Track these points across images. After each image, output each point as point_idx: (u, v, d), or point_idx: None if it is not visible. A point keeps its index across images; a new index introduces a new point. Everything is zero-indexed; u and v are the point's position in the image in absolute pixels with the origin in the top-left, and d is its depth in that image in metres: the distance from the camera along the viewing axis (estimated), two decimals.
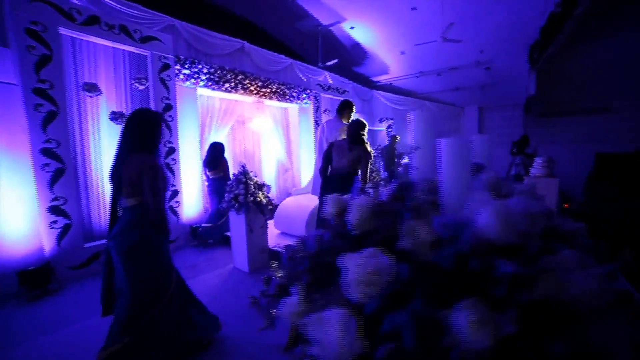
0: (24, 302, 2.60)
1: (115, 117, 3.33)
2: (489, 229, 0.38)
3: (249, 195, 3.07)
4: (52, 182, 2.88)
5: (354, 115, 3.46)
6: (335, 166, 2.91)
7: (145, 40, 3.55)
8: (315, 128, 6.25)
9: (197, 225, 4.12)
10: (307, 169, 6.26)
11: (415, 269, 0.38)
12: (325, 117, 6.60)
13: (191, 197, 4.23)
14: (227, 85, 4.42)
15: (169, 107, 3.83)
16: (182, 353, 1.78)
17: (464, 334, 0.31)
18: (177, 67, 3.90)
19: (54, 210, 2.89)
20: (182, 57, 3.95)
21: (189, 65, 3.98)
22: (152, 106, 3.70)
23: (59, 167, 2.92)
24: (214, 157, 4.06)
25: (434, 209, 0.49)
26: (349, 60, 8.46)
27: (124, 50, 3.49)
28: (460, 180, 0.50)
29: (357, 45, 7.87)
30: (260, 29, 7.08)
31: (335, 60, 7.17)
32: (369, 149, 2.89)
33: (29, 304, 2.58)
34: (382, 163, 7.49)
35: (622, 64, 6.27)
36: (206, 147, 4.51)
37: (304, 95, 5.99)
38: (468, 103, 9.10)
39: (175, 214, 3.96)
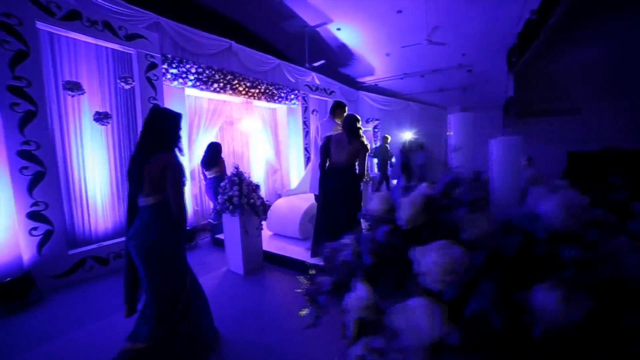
0: (1, 316, 2.42)
1: (99, 117, 3.18)
2: (554, 219, 0.40)
3: (243, 197, 3.02)
4: (32, 186, 2.71)
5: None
6: (334, 160, 2.90)
7: (130, 38, 3.42)
8: (304, 129, 6.25)
9: (189, 227, 4.01)
10: (296, 170, 6.24)
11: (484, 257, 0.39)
12: (313, 118, 6.60)
13: None
14: (215, 85, 4.33)
15: None
16: (197, 354, 1.79)
17: (548, 312, 0.33)
18: (165, 66, 3.78)
19: (33, 216, 2.72)
20: (169, 56, 3.83)
21: (176, 64, 3.86)
22: (138, 106, 3.57)
23: (38, 170, 2.74)
24: (212, 156, 4.02)
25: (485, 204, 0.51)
26: (335, 61, 8.52)
27: (107, 47, 3.35)
28: (512, 177, 0.53)
29: (343, 47, 7.94)
30: (247, 29, 6.99)
31: (322, 61, 7.20)
32: (366, 142, 2.92)
33: (7, 318, 2.40)
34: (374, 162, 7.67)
35: (591, 69, 6.68)
36: (195, 148, 4.41)
37: (292, 96, 5.98)
38: (451, 104, 9.40)
39: None
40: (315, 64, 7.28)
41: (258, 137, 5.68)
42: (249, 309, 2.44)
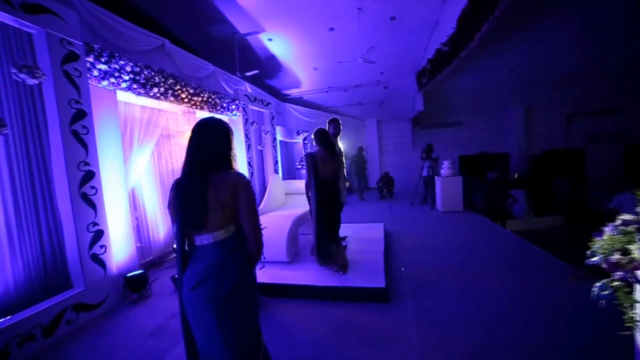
0: None
1: None
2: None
3: None
4: None
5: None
6: (322, 176, 3.07)
7: (32, 10, 2.40)
8: (246, 142, 5.77)
9: (140, 271, 3.05)
10: None
11: None
12: (252, 130, 6.18)
13: (120, 237, 3.10)
14: (155, 90, 3.51)
15: (82, 114, 2.72)
16: None
17: None
18: (90, 59, 2.82)
19: None
20: (96, 47, 2.88)
21: (106, 58, 2.94)
22: (52, 111, 2.54)
23: None
24: None
25: None
26: (262, 72, 8.25)
27: None
28: None
29: (272, 58, 7.77)
30: (167, 29, 6.00)
31: (256, 71, 6.87)
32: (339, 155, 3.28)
33: None
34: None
35: (468, 92, 8.63)
36: (129, 168, 3.47)
37: (234, 107, 5.46)
38: (368, 116, 10.44)
39: (101, 263, 2.80)
40: (249, 74, 6.86)
41: None
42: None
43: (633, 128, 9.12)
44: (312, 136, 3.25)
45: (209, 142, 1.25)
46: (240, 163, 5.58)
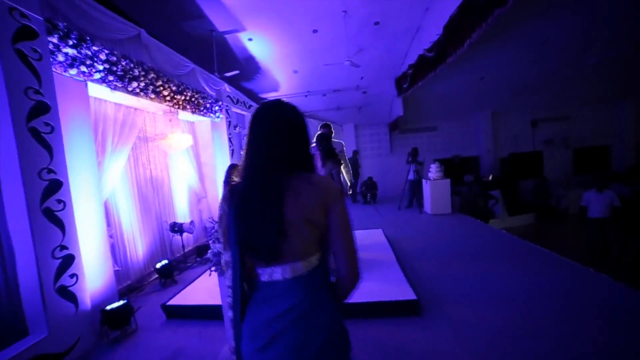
0: None
1: None
2: None
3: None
4: None
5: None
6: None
7: None
8: (230, 146, 5.30)
9: (123, 302, 2.48)
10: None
11: None
12: (235, 133, 5.72)
13: (95, 261, 2.51)
14: (134, 84, 2.98)
15: (44, 108, 2.15)
16: None
17: None
18: (54, 40, 2.27)
19: None
20: (60, 25, 2.32)
21: (74, 42, 2.39)
22: (4, 101, 1.96)
23: None
24: (230, 177, 3.63)
25: None
26: (240, 73, 7.79)
27: None
28: None
29: (251, 59, 7.36)
30: (135, 20, 5.35)
31: (237, 72, 6.44)
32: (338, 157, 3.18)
33: None
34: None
35: (442, 98, 8.97)
36: (104, 176, 2.90)
37: (217, 108, 4.98)
38: (346, 121, 10.39)
39: (72, 298, 2.21)
40: (228, 74, 6.40)
41: (178, 158, 4.34)
42: None
43: (578, 133, 10.20)
44: (314, 140, 3.13)
45: (283, 133, 0.88)
46: (224, 170, 5.07)
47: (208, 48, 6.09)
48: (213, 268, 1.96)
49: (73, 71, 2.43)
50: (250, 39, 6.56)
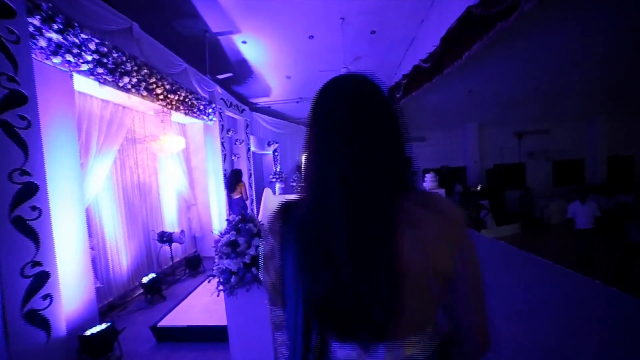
0: None
1: None
2: None
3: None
4: None
5: None
6: None
7: None
8: (222, 151, 5.02)
9: (106, 325, 2.14)
10: (216, 204, 4.81)
11: None
12: (227, 138, 5.45)
13: (73, 277, 2.16)
14: (126, 79, 2.70)
15: (19, 99, 1.84)
16: None
17: None
18: (35, 22, 1.97)
19: None
20: (44, 5, 2.03)
21: (60, 26, 2.11)
22: None
23: None
24: (232, 182, 4.31)
25: None
26: (232, 76, 7.55)
27: None
28: None
29: (243, 62, 7.15)
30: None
31: (230, 74, 6.20)
32: None
33: None
34: None
35: (433, 109, 9.13)
36: (87, 179, 2.57)
37: (210, 110, 4.71)
38: None
39: (43, 324, 1.87)
40: (221, 77, 6.14)
41: (168, 162, 4.02)
42: None
43: (556, 146, 10.70)
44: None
45: (385, 124, 0.59)
46: (216, 176, 4.78)
47: (200, 49, 5.83)
48: (221, 287, 1.71)
49: (57, 59, 2.13)
50: (244, 42, 6.37)
